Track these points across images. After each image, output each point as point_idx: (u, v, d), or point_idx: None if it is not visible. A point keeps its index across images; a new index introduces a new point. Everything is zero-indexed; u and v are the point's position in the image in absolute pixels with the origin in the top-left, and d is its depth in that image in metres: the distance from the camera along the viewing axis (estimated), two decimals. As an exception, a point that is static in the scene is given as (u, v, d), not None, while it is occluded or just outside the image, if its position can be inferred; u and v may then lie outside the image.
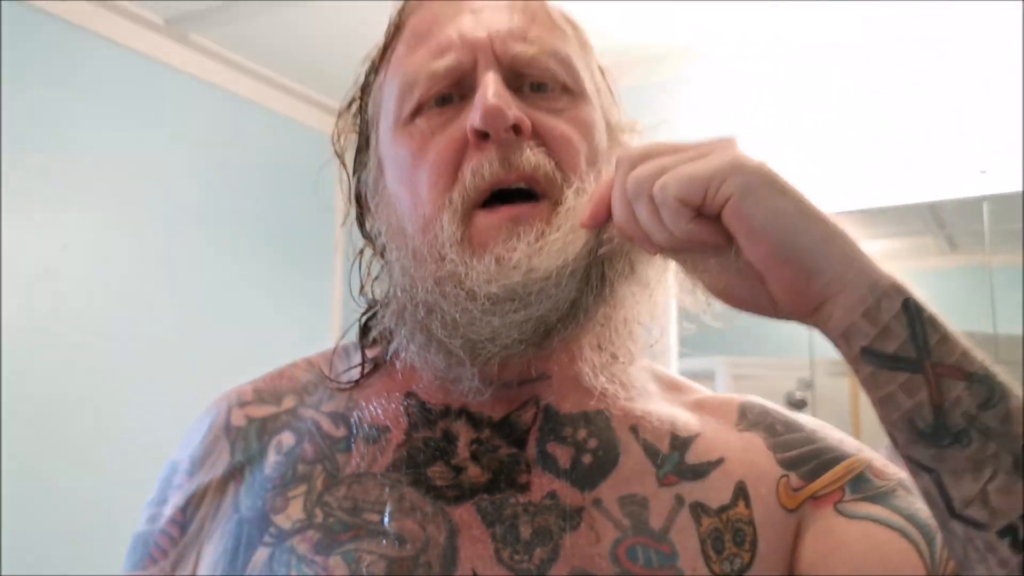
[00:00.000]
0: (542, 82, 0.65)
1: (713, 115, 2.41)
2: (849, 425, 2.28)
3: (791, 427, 0.70)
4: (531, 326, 0.61)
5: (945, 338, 0.52)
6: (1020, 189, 1.98)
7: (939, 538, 0.60)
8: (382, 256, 0.70)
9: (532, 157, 0.62)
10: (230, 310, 2.62)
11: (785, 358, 2.47)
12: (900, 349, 0.51)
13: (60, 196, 2.20)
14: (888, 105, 2.24)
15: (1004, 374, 0.52)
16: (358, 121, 0.72)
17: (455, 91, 0.65)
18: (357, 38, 2.28)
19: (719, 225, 0.54)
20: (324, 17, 2.28)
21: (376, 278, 0.72)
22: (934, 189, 2.11)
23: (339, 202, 2.57)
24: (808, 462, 0.67)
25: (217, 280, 2.58)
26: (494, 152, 0.61)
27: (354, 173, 0.73)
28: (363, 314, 0.73)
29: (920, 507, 0.62)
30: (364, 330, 0.73)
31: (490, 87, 0.61)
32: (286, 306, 2.82)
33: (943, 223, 2.29)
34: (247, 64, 2.58)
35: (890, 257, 2.37)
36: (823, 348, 1.88)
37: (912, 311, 0.52)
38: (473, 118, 0.61)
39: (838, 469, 0.66)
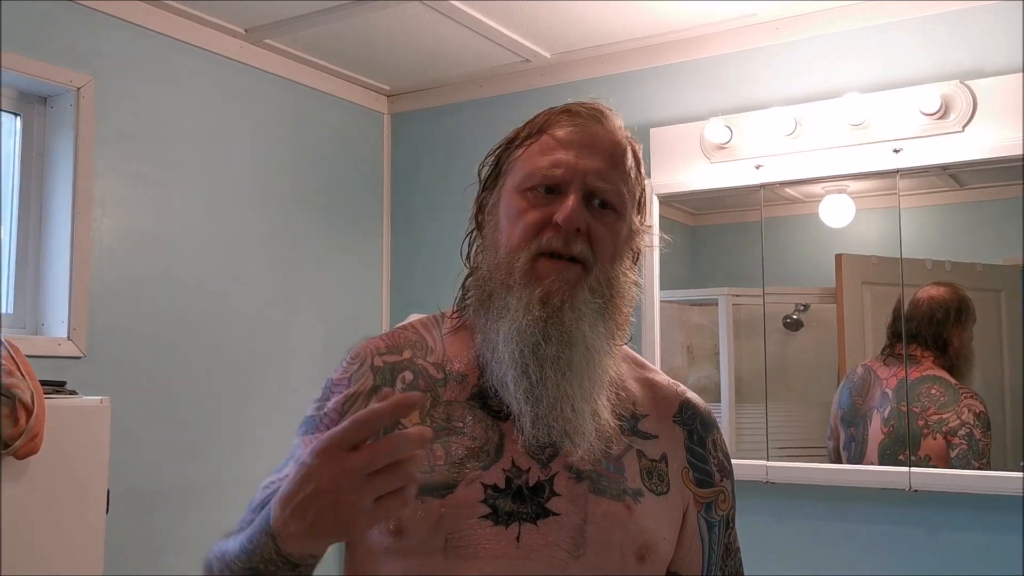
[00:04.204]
0: (604, 202, 1.06)
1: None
2: (835, 340, 2.71)
3: (700, 439, 1.14)
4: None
5: None
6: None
7: (713, 559, 1.11)
8: (481, 239, 1.12)
9: (580, 247, 1.04)
10: (302, 261, 3.16)
11: (780, 286, 2.79)
12: None
13: (168, 176, 2.71)
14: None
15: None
16: (496, 162, 1.14)
17: (555, 187, 1.06)
18: (400, 34, 2.88)
19: None
20: (375, 20, 2.77)
21: (469, 255, 1.14)
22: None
23: (386, 171, 3.22)
24: (700, 472, 1.13)
25: (291, 238, 3.12)
26: (562, 236, 1.03)
27: (482, 189, 1.15)
28: (465, 277, 1.14)
29: (718, 536, 1.13)
30: (464, 285, 1.14)
31: (571, 204, 1.03)
32: (346, 255, 3.36)
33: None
34: (313, 60, 3.12)
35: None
36: (815, 279, 2.34)
37: None
38: (558, 216, 1.03)
39: (711, 492, 1.13)
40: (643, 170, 1.14)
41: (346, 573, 1.08)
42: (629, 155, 1.11)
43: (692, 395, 1.18)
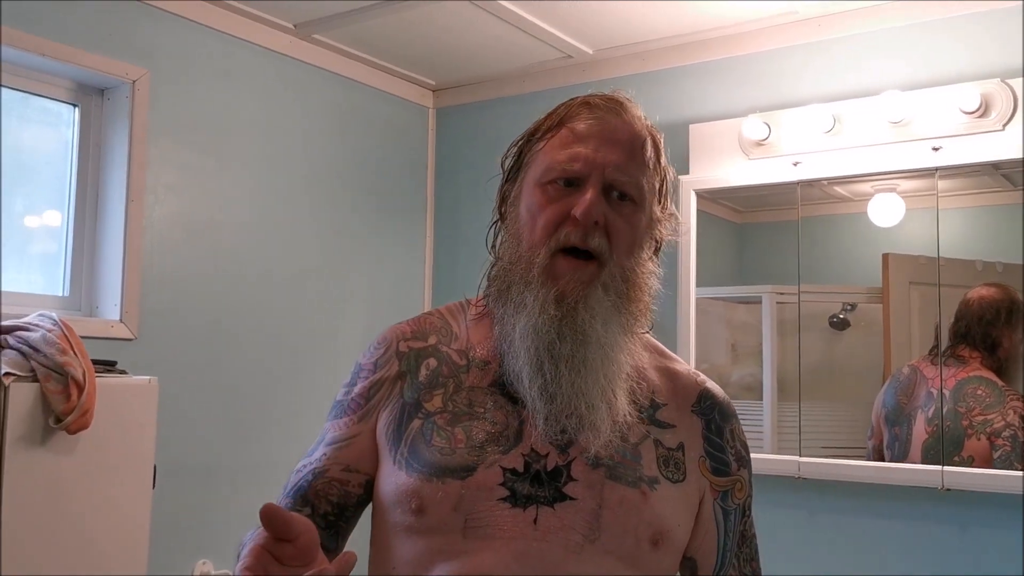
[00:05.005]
0: (623, 194, 1.08)
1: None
2: (881, 340, 2.70)
3: (718, 429, 1.16)
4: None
5: None
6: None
7: (728, 545, 1.14)
8: (504, 230, 1.15)
9: (597, 241, 1.06)
10: (347, 250, 3.23)
11: (825, 285, 2.80)
12: None
13: (218, 166, 2.80)
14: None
15: None
16: (518, 154, 1.16)
17: (574, 181, 1.08)
18: (445, 31, 2.93)
19: None
20: (421, 17, 2.83)
21: (494, 246, 1.16)
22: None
23: (431, 164, 3.27)
24: (717, 462, 1.15)
25: (336, 228, 3.19)
26: (580, 229, 1.06)
27: (505, 180, 1.17)
28: (491, 267, 1.16)
29: (732, 526, 1.15)
30: (489, 275, 1.16)
31: (588, 198, 1.06)
32: (391, 245, 3.42)
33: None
34: (360, 55, 3.19)
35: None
36: (862, 279, 2.32)
37: None
38: (576, 210, 1.05)
39: (728, 480, 1.15)
40: (664, 159, 1.15)
41: (371, 548, 1.11)
42: (648, 145, 1.12)
43: (712, 385, 1.20)
